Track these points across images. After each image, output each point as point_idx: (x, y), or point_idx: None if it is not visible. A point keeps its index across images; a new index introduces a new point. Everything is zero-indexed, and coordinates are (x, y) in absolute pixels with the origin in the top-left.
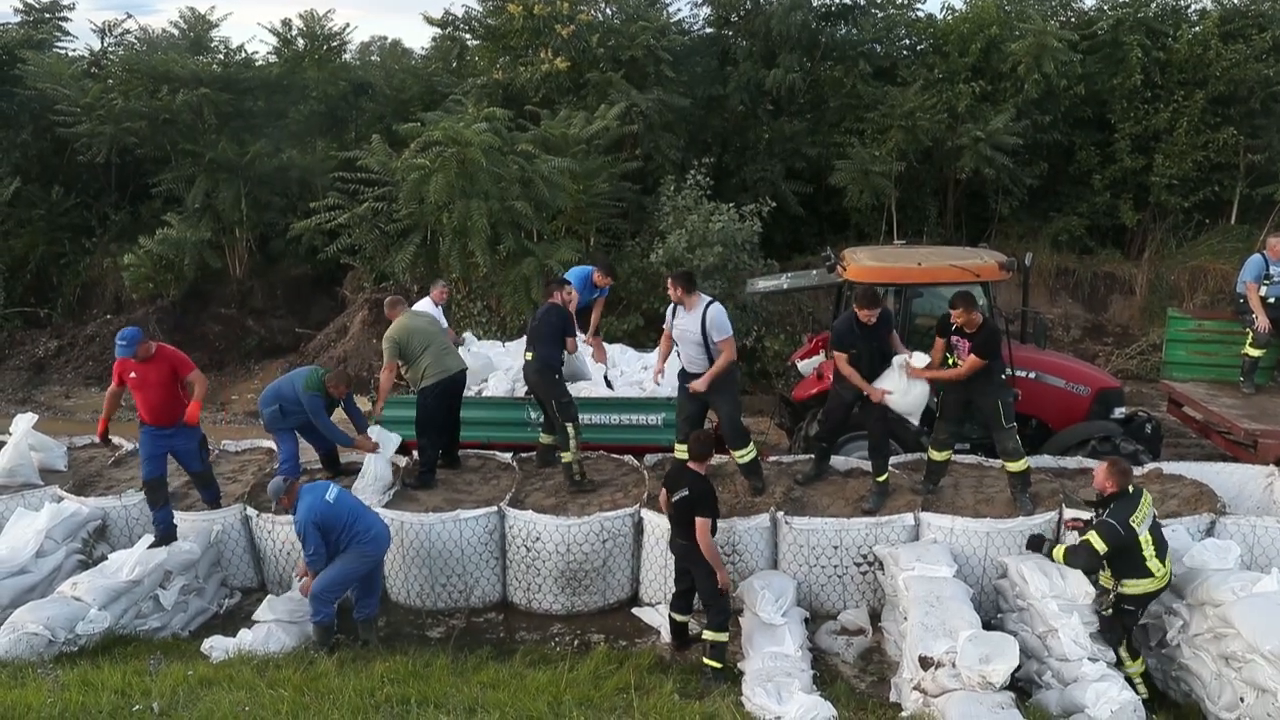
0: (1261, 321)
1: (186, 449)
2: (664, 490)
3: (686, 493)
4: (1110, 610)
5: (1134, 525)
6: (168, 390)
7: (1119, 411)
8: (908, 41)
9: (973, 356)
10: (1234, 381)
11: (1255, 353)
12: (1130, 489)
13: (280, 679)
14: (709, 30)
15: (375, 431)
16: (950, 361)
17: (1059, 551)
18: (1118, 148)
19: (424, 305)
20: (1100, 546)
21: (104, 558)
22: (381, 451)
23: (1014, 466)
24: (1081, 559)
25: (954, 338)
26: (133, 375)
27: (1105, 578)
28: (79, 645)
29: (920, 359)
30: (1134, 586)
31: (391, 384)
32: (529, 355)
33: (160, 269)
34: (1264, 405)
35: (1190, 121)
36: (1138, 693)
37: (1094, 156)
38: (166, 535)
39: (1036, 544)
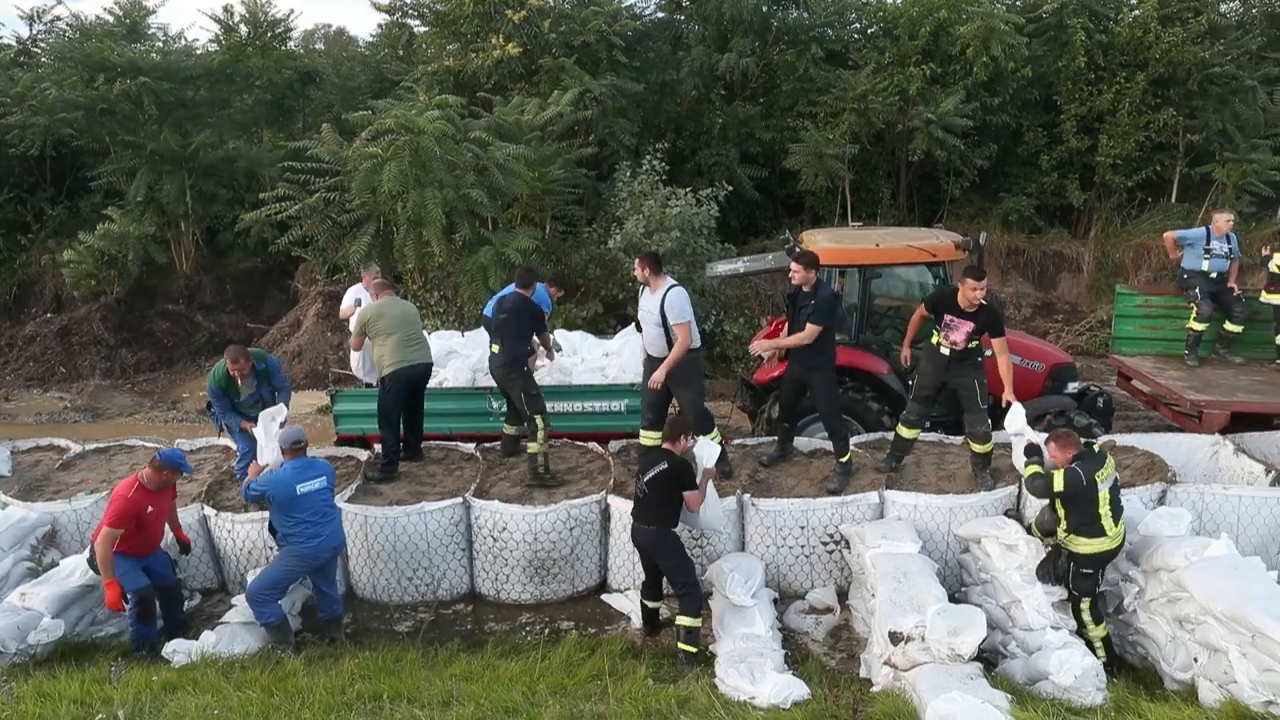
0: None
1: (162, 561)
2: (639, 480)
3: (665, 466)
4: (1056, 565)
5: (1097, 479)
6: (166, 515)
7: (1072, 386)
8: (858, 25)
9: (999, 341)
10: (1179, 355)
11: (1199, 327)
12: (1095, 448)
13: (247, 680)
14: (661, 15)
15: (264, 414)
16: (935, 340)
17: (1026, 470)
18: (1064, 128)
19: (357, 292)
20: (1059, 485)
21: (55, 564)
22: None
23: (980, 448)
24: (1038, 486)
25: (947, 315)
26: (150, 510)
27: (1061, 531)
28: (32, 655)
29: None
30: (1085, 545)
31: (358, 347)
32: (495, 348)
33: (102, 265)
34: (1207, 377)
35: (1132, 103)
36: (1098, 657)
37: (1041, 137)
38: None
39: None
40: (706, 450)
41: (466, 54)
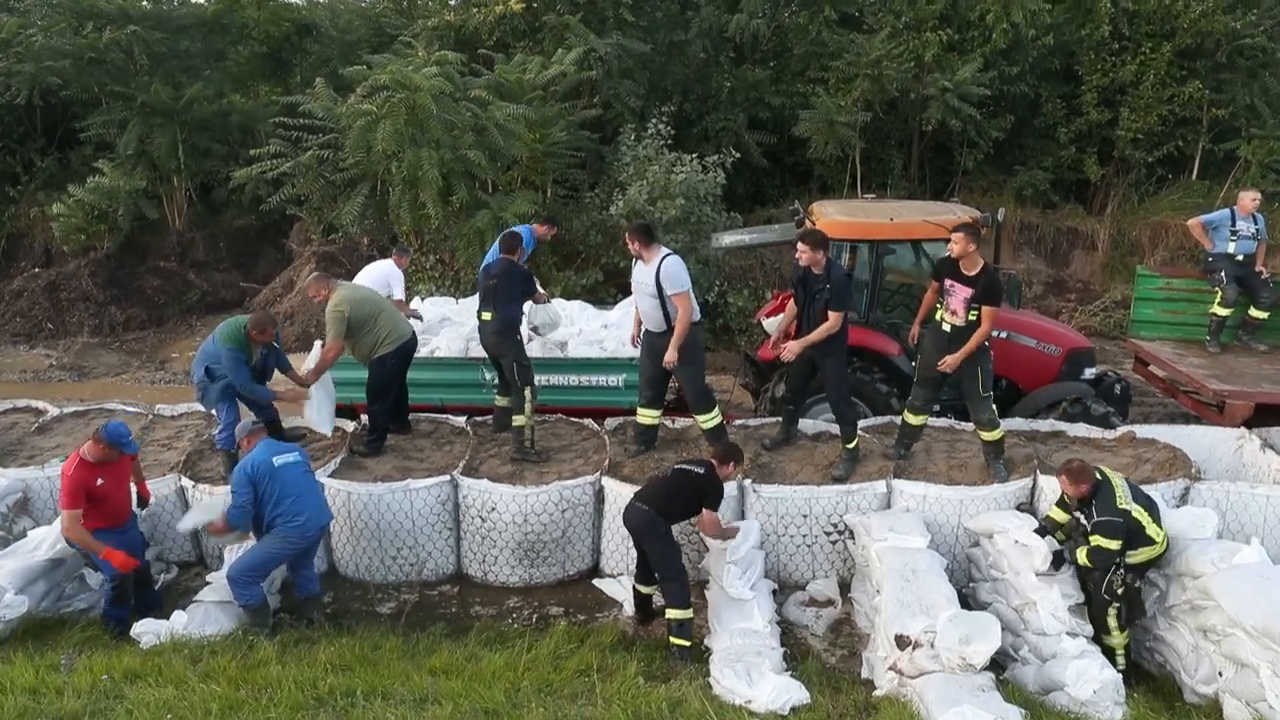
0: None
1: (135, 540)
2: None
3: (701, 473)
4: (1123, 589)
5: (1125, 508)
6: (127, 483)
7: (1089, 372)
8: None
9: (989, 310)
10: (1200, 340)
11: (1223, 312)
12: (1098, 475)
13: (215, 669)
14: None
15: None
16: (938, 316)
17: (1081, 554)
18: (1084, 100)
19: (381, 266)
20: (1113, 545)
21: (24, 533)
22: (314, 405)
23: (988, 436)
24: (1100, 561)
25: (947, 281)
26: (101, 482)
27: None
28: None
29: None
30: (1138, 556)
31: (335, 360)
32: (486, 315)
33: (93, 219)
34: (1231, 365)
35: (1157, 74)
36: (1116, 665)
37: (1060, 109)
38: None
39: (1058, 562)
40: (746, 534)
41: (468, 9)
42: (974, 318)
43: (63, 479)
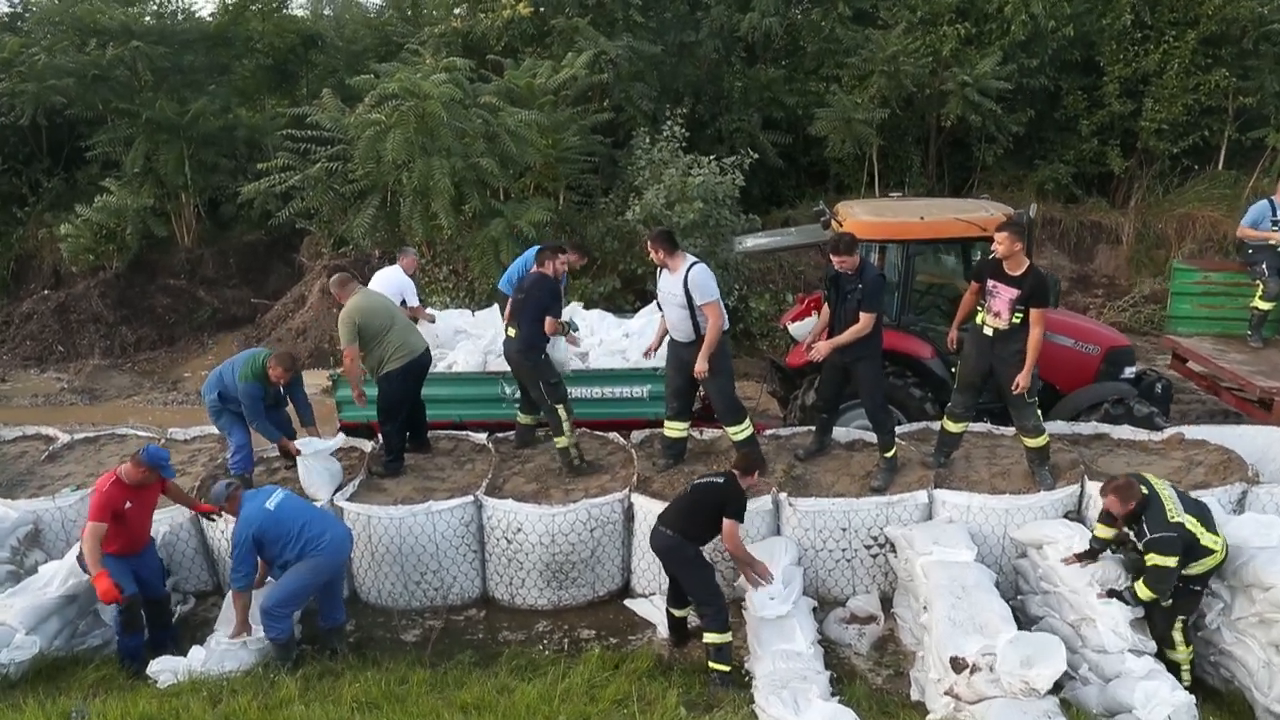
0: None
1: (153, 567)
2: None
3: (721, 482)
4: (1170, 600)
5: (1177, 521)
6: (151, 511)
7: (1129, 371)
8: None
9: (1038, 313)
10: (1241, 335)
11: (1265, 306)
12: (1144, 490)
13: (235, 711)
14: None
15: (304, 443)
16: (979, 319)
17: (1142, 590)
18: (1106, 91)
19: (391, 274)
20: (1171, 562)
21: (35, 567)
22: (307, 460)
23: (1033, 442)
24: (1162, 583)
25: (990, 282)
26: (129, 505)
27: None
28: (3, 675)
29: None
30: (1198, 567)
31: (359, 369)
32: (511, 331)
33: (101, 239)
34: (1275, 360)
35: (1181, 63)
36: (1182, 681)
37: (1081, 101)
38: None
39: (1119, 596)
40: (783, 550)
41: (475, 14)
42: (1018, 320)
43: (94, 494)
